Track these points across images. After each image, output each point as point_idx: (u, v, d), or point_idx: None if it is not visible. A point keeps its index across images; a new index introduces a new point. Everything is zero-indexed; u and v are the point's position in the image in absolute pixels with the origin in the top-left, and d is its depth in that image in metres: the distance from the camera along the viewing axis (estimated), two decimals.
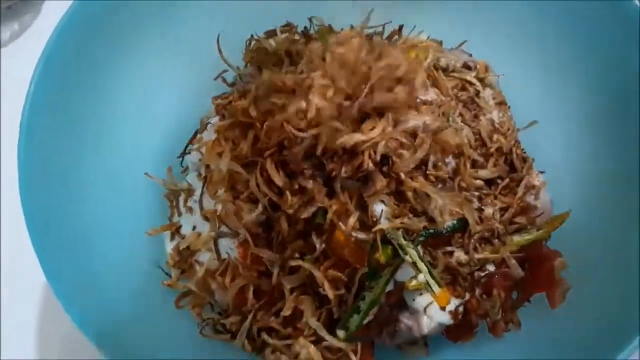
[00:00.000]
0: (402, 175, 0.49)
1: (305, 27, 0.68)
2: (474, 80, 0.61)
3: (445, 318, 0.53)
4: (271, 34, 0.64)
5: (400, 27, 0.68)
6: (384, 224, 0.48)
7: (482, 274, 0.54)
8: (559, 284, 0.55)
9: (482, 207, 0.55)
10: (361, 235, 0.50)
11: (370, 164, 0.48)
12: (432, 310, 0.53)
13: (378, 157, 0.48)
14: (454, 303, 0.53)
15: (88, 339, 0.48)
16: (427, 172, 0.51)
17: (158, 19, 0.66)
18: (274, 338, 0.54)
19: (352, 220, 0.49)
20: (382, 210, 0.49)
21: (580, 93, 0.67)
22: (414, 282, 0.51)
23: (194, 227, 0.59)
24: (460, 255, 0.52)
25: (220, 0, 0.68)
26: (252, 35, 0.64)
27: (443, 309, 0.53)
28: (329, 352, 0.54)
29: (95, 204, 0.58)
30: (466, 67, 0.62)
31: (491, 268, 0.54)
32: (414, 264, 0.49)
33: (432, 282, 0.49)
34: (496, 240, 0.54)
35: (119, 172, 0.61)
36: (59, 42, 0.56)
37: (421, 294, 0.52)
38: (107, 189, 0.60)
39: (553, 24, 0.66)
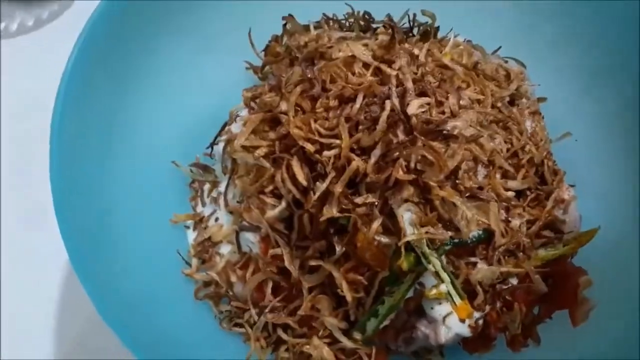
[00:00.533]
0: (431, 184, 0.48)
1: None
2: (510, 88, 0.59)
3: (464, 329, 0.52)
4: (303, 29, 0.64)
5: (437, 29, 0.67)
6: (409, 235, 0.48)
7: (505, 287, 0.53)
8: (583, 303, 0.54)
9: (509, 218, 0.54)
10: (384, 240, 0.50)
11: (401, 173, 0.47)
12: (451, 320, 0.52)
13: (412, 165, 0.48)
14: (474, 315, 0.52)
15: (106, 321, 0.49)
16: (457, 181, 0.50)
17: (192, 10, 0.66)
18: (289, 336, 0.54)
19: (376, 224, 0.48)
20: (408, 217, 0.49)
21: (619, 106, 0.65)
22: (434, 291, 0.51)
23: (217, 219, 0.59)
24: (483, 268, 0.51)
25: None
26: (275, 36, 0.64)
27: (462, 321, 0.52)
28: (343, 354, 0.54)
29: (122, 191, 0.59)
30: (502, 74, 0.61)
31: (514, 281, 0.53)
32: (437, 274, 0.48)
33: (453, 292, 0.48)
34: (521, 253, 0.53)
35: (148, 160, 0.62)
36: (95, 29, 0.56)
37: (440, 303, 0.52)
38: (135, 176, 0.61)
39: (592, 35, 0.65)
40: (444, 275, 0.48)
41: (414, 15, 0.67)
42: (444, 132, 0.48)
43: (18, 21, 0.77)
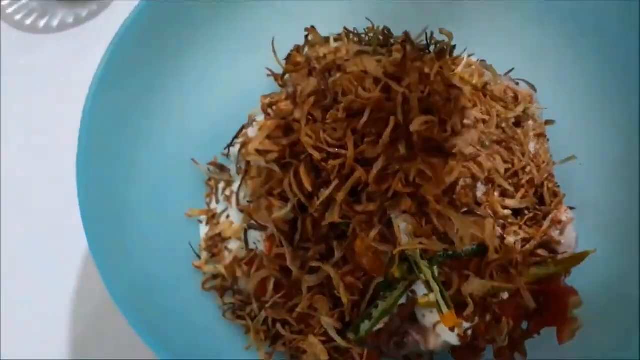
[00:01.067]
0: (428, 198, 0.51)
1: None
2: (516, 110, 0.61)
3: (453, 338, 0.55)
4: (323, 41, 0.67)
5: (453, 47, 0.69)
6: (404, 244, 0.50)
7: (495, 301, 0.55)
8: (571, 321, 0.55)
9: (505, 235, 0.56)
10: (381, 247, 0.52)
11: (400, 186, 0.50)
12: (441, 328, 0.54)
13: (411, 178, 0.51)
14: (463, 325, 0.54)
15: (116, 303, 0.52)
16: (454, 196, 0.53)
17: (224, 18, 0.70)
18: (287, 331, 0.57)
19: (374, 232, 0.51)
20: (404, 227, 0.51)
21: (629, 133, 0.66)
22: (426, 300, 0.53)
23: (228, 216, 0.63)
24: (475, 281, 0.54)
25: (293, 0, 0.72)
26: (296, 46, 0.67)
27: (452, 329, 0.54)
28: (336, 353, 0.57)
29: (144, 183, 0.63)
30: (510, 95, 0.63)
31: (505, 296, 0.56)
32: (427, 283, 0.51)
33: (441, 302, 0.51)
34: (513, 269, 0.55)
35: (170, 156, 0.66)
36: (129, 30, 0.60)
37: (431, 311, 0.54)
38: (157, 170, 0.64)
39: (605, 62, 0.66)
40: (434, 285, 0.51)
41: (432, 33, 0.70)
42: (444, 149, 0.51)
43: (59, 18, 0.82)
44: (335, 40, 0.70)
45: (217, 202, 0.65)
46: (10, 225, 0.72)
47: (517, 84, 0.67)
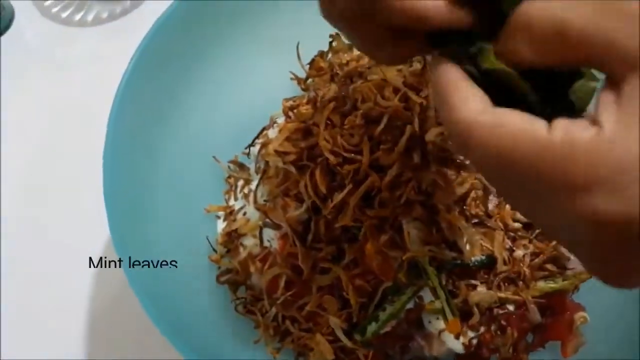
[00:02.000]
0: (439, 207, 0.52)
1: None
2: None
3: (457, 346, 0.56)
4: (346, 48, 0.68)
5: None
6: (413, 250, 0.52)
7: (501, 312, 0.56)
8: (575, 336, 0.56)
9: (514, 248, 0.57)
10: (391, 253, 0.54)
11: (412, 194, 0.51)
12: (446, 335, 0.55)
13: (424, 187, 0.52)
14: (468, 334, 0.56)
15: (135, 292, 0.54)
16: (465, 206, 0.54)
17: (255, 19, 0.72)
18: (295, 328, 0.59)
19: (384, 237, 0.53)
20: (414, 234, 0.53)
21: None
22: (432, 306, 0.54)
23: (245, 213, 0.64)
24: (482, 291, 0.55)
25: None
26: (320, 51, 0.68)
27: (457, 337, 0.55)
28: (342, 353, 0.58)
29: (167, 177, 0.65)
30: None
31: (511, 308, 0.56)
32: (434, 289, 0.52)
33: (447, 309, 0.52)
34: (521, 282, 0.56)
35: (193, 153, 0.68)
36: (161, 28, 0.63)
37: (438, 318, 0.55)
38: (180, 165, 0.67)
39: None
40: (440, 292, 0.52)
41: None
42: (457, 160, 0.52)
43: (94, 13, 0.85)
44: None
45: (236, 199, 0.67)
46: (32, 208, 0.75)
47: None
